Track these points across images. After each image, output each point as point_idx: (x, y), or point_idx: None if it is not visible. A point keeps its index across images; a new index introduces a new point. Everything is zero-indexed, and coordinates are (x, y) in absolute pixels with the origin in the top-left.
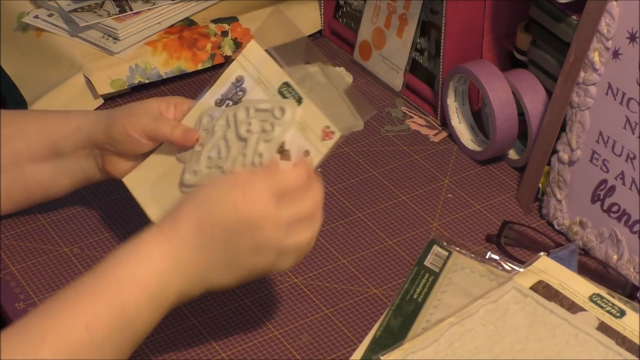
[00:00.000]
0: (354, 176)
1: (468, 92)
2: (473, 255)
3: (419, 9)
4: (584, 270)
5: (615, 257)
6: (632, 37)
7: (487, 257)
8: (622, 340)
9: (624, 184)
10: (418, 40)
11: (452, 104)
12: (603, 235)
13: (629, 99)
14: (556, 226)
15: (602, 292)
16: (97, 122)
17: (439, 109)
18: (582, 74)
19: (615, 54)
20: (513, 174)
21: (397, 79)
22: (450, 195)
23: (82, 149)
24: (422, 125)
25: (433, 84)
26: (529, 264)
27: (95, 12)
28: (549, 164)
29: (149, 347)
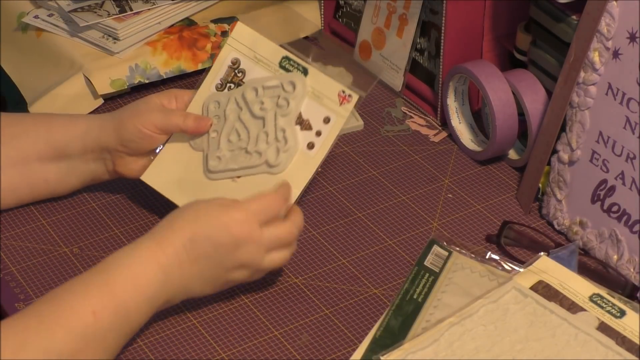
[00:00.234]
0: (354, 176)
1: (468, 92)
2: (473, 255)
3: (419, 9)
4: (584, 270)
5: (615, 257)
6: (632, 37)
7: (487, 257)
8: (622, 340)
9: (624, 184)
10: (418, 40)
11: (452, 104)
12: (603, 235)
13: (629, 99)
14: (556, 226)
15: (602, 292)
16: (104, 126)
17: (439, 109)
18: (582, 74)
19: (615, 54)
20: (513, 174)
21: (397, 79)
22: (450, 195)
23: (91, 152)
24: (422, 125)
25: (433, 84)
26: (529, 264)
27: (95, 12)
28: (549, 164)
29: (149, 347)
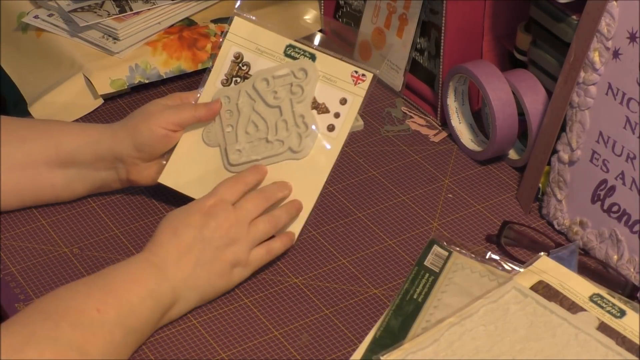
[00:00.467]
0: (354, 176)
1: (468, 92)
2: (473, 255)
3: (419, 9)
4: (584, 270)
5: (615, 257)
6: (632, 37)
7: (487, 257)
8: (622, 340)
9: (624, 184)
10: (418, 40)
11: (452, 104)
12: (603, 235)
13: (629, 99)
14: (556, 226)
15: (602, 292)
16: (117, 134)
17: (439, 109)
18: (582, 74)
19: (615, 54)
20: (513, 174)
21: (397, 79)
22: (450, 195)
23: (102, 161)
24: (422, 125)
25: (433, 84)
26: (529, 264)
27: (95, 12)
28: (549, 164)
29: (149, 347)
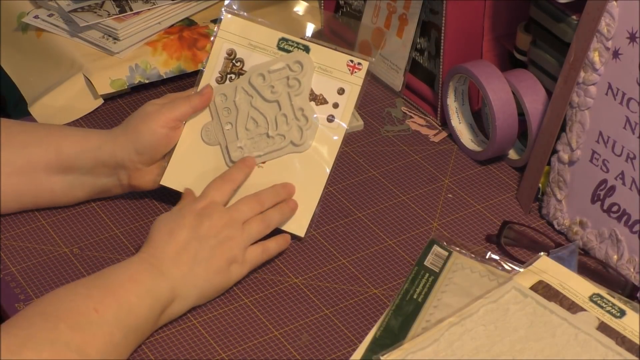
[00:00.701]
0: (354, 176)
1: (468, 92)
2: (473, 255)
3: (419, 9)
4: (584, 270)
5: (615, 257)
6: (632, 37)
7: (487, 257)
8: (622, 340)
9: (624, 184)
10: (418, 40)
11: (452, 104)
12: (603, 235)
13: (629, 99)
14: (556, 226)
15: (602, 292)
16: (118, 140)
17: (439, 109)
18: (582, 74)
19: (615, 54)
20: (513, 174)
21: (397, 79)
22: (450, 195)
23: (103, 167)
24: (422, 125)
25: (433, 84)
26: (529, 264)
27: (95, 12)
28: (549, 164)
29: (149, 347)
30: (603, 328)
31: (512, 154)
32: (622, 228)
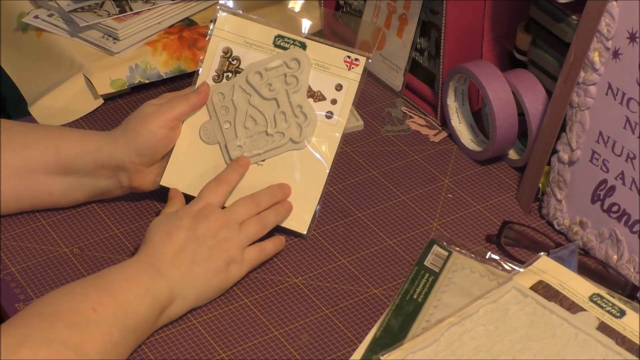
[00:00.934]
0: (354, 176)
1: (468, 92)
2: (473, 255)
3: (419, 9)
4: (584, 270)
5: (615, 257)
6: (632, 37)
7: (487, 257)
8: (622, 340)
9: (624, 184)
10: (418, 40)
11: (452, 104)
12: (603, 235)
13: (629, 99)
14: (556, 226)
15: (602, 292)
16: (117, 142)
17: (439, 109)
18: (582, 74)
19: (615, 54)
20: (513, 174)
21: (397, 79)
22: (450, 195)
23: (103, 169)
24: (422, 125)
25: (433, 84)
26: (529, 264)
27: (95, 12)
28: (549, 164)
29: (149, 347)
30: (603, 328)
31: (512, 154)
32: (622, 228)
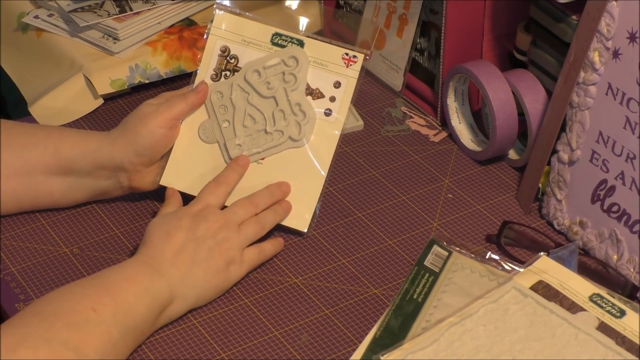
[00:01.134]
0: (354, 176)
1: (468, 92)
2: (473, 255)
3: (419, 9)
4: (584, 270)
5: (615, 257)
6: (632, 37)
7: (487, 257)
8: (622, 340)
9: (624, 184)
10: (418, 40)
11: (452, 104)
12: (603, 235)
13: (629, 99)
14: (556, 226)
15: (602, 292)
16: (116, 142)
17: (439, 109)
18: (582, 74)
19: (615, 54)
20: (513, 174)
21: (397, 79)
22: (450, 195)
23: (103, 169)
24: (422, 125)
25: (433, 84)
26: (529, 264)
27: (95, 12)
28: (549, 164)
29: (149, 347)
30: (603, 328)
31: (512, 154)
32: (622, 228)
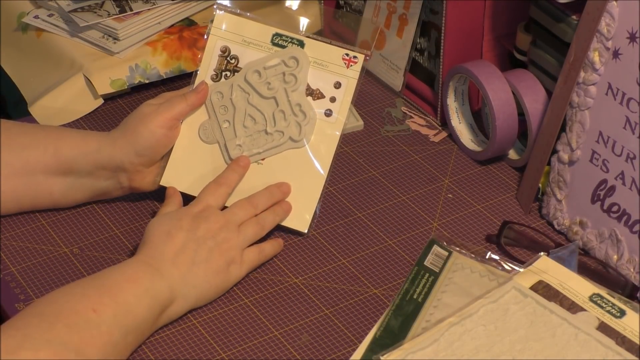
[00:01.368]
0: (354, 176)
1: (468, 92)
2: (473, 255)
3: (419, 9)
4: (584, 270)
5: (615, 257)
6: (632, 37)
7: (487, 257)
8: (622, 340)
9: (624, 184)
10: (418, 40)
11: (452, 104)
12: (603, 235)
13: (629, 99)
14: (556, 226)
15: (602, 292)
16: (117, 143)
17: (439, 109)
18: (582, 74)
19: (615, 54)
20: (513, 174)
21: (397, 79)
22: (450, 195)
23: (103, 170)
24: (422, 125)
25: (433, 84)
26: (529, 264)
27: (95, 12)
28: (549, 164)
29: (149, 347)
30: (603, 328)
31: (512, 154)
32: (622, 228)
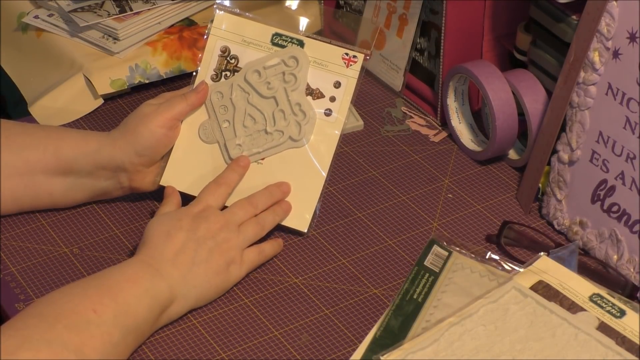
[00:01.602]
0: (354, 176)
1: (468, 92)
2: (473, 255)
3: (419, 9)
4: (584, 270)
5: (615, 257)
6: (632, 37)
7: (487, 257)
8: (622, 340)
9: (624, 184)
10: (418, 40)
11: (452, 104)
12: (603, 235)
13: (629, 99)
14: (556, 226)
15: (602, 292)
16: (117, 143)
17: (439, 109)
18: (582, 74)
19: (615, 54)
20: (513, 174)
21: (397, 79)
22: (450, 195)
23: (103, 170)
24: (422, 125)
25: (433, 84)
26: (529, 264)
27: (95, 12)
28: (549, 164)
29: (149, 347)
30: (603, 328)
31: (512, 154)
32: (622, 228)
